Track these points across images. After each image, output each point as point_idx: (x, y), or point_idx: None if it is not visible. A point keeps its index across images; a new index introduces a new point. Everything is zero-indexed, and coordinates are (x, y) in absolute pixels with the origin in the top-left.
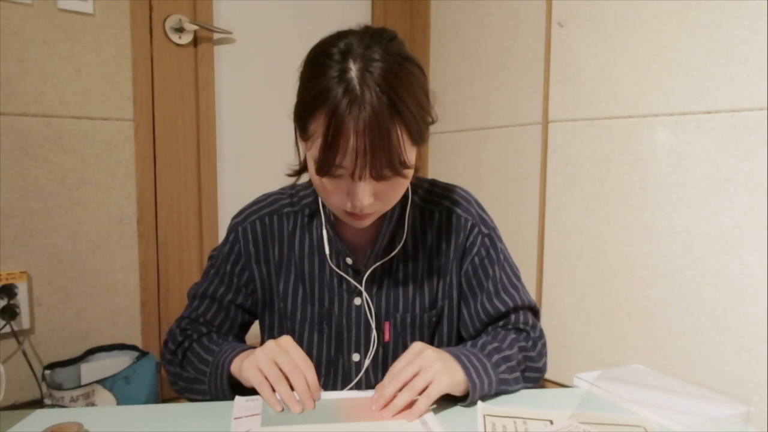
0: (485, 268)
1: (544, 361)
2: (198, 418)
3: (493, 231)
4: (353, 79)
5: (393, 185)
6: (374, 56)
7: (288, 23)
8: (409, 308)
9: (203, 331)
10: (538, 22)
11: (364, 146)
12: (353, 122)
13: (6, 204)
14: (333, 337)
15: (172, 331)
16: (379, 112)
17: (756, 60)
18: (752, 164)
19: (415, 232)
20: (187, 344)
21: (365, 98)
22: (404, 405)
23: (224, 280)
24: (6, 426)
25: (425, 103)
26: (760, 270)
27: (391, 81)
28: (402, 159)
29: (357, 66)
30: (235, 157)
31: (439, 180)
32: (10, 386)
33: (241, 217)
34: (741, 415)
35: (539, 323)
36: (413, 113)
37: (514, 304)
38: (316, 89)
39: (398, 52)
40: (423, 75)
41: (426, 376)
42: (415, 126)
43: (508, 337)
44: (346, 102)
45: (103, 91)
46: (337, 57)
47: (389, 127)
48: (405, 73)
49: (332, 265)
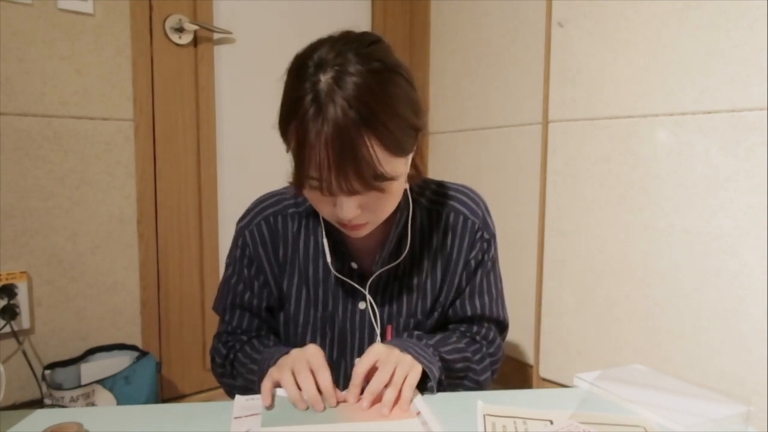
0: (473, 271)
1: (486, 376)
2: (198, 418)
3: (493, 237)
4: (321, 92)
5: (379, 197)
6: (347, 67)
7: (288, 23)
8: (412, 313)
9: (244, 340)
10: (538, 22)
11: (328, 161)
12: (316, 136)
13: (6, 204)
14: (336, 341)
15: (215, 347)
16: (343, 126)
17: (756, 60)
18: (752, 164)
19: (422, 235)
20: (232, 356)
21: (329, 112)
22: (393, 401)
23: (246, 286)
24: (6, 426)
25: (406, 112)
26: (760, 270)
27: (361, 93)
28: (377, 172)
29: (327, 78)
30: (235, 157)
31: (447, 181)
32: (10, 386)
33: (247, 220)
34: (741, 415)
35: (500, 340)
36: (388, 125)
37: (482, 312)
38: (288, 102)
39: (379, 59)
40: (407, 82)
41: (402, 371)
42: (391, 137)
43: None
44: (311, 115)
45: (103, 91)
46: (311, 69)
47: (356, 141)
48: (380, 83)
49: (334, 270)
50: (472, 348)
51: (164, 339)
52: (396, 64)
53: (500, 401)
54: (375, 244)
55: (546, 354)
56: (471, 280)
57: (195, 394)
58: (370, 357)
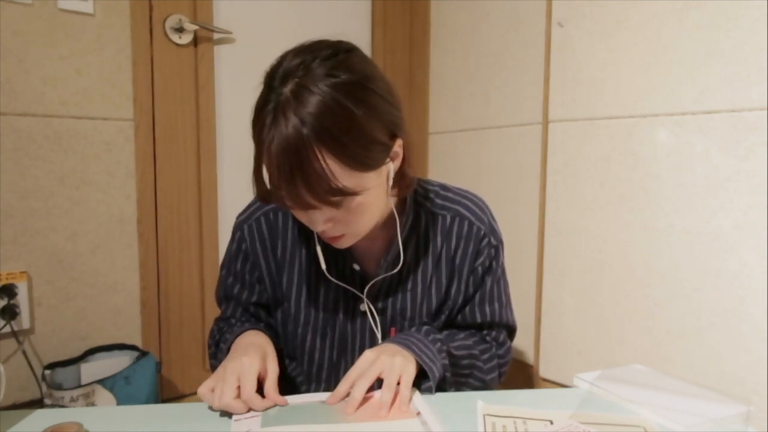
0: (482, 278)
1: (492, 377)
2: (198, 418)
3: (500, 243)
4: (279, 105)
5: (347, 210)
6: (307, 80)
7: (288, 23)
8: (416, 316)
9: (232, 323)
10: (538, 22)
11: (278, 175)
12: (267, 151)
13: (6, 204)
14: (336, 342)
15: (211, 330)
16: (293, 142)
17: (756, 60)
18: (752, 164)
19: (426, 239)
20: (218, 337)
21: (281, 127)
22: (389, 401)
23: (238, 279)
24: (6, 426)
25: (372, 126)
26: (760, 270)
27: (317, 108)
28: (331, 187)
29: (287, 90)
30: (235, 157)
31: (449, 184)
32: (10, 386)
33: (246, 215)
34: (741, 415)
35: (509, 343)
36: (345, 139)
37: (492, 319)
38: (255, 109)
39: (348, 70)
40: (377, 95)
41: (394, 374)
42: (349, 152)
43: (465, 341)
44: (267, 128)
45: (103, 91)
46: (276, 81)
47: (304, 156)
48: (343, 98)
49: (330, 275)
50: (480, 347)
51: (164, 339)
52: (366, 77)
53: (500, 401)
54: (378, 246)
55: (546, 354)
56: (481, 287)
57: (195, 394)
58: (356, 369)
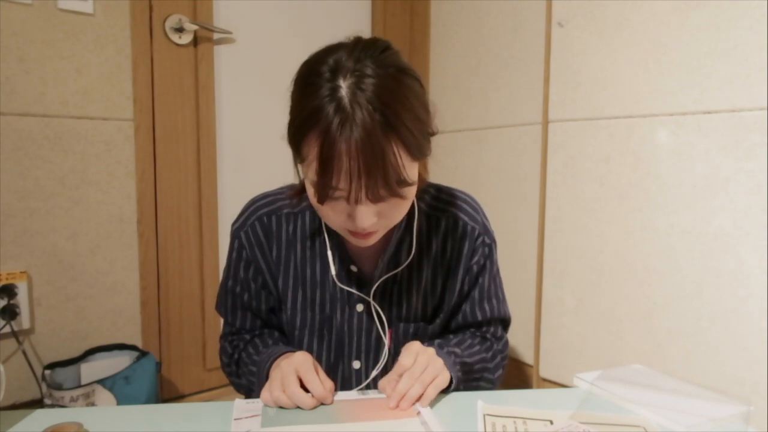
0: (478, 276)
1: (499, 374)
2: (198, 419)
3: (493, 242)
4: (344, 97)
5: (396, 203)
6: (366, 71)
7: (288, 23)
8: (411, 318)
9: (247, 339)
10: (538, 22)
11: (359, 168)
12: (345, 144)
13: (6, 204)
14: (333, 344)
15: (222, 347)
16: (372, 132)
17: (756, 60)
18: (752, 164)
19: (421, 240)
20: (237, 355)
21: (356, 118)
22: (417, 397)
23: (245, 287)
24: (6, 426)
25: (424, 116)
26: (760, 270)
27: (384, 97)
28: (401, 177)
29: (348, 83)
30: (235, 157)
31: (442, 184)
32: (10, 386)
33: (241, 221)
34: (741, 415)
35: (506, 336)
36: (410, 128)
37: (491, 315)
38: (306, 110)
39: (393, 64)
40: (420, 86)
41: (432, 371)
42: (413, 141)
43: (473, 347)
44: (337, 122)
45: (103, 91)
46: (327, 75)
47: (384, 147)
48: (400, 87)
49: (334, 277)
50: (485, 346)
51: (164, 339)
52: (409, 68)
53: (500, 401)
54: (375, 247)
55: (546, 354)
56: (477, 286)
57: (195, 394)
58: (412, 352)
